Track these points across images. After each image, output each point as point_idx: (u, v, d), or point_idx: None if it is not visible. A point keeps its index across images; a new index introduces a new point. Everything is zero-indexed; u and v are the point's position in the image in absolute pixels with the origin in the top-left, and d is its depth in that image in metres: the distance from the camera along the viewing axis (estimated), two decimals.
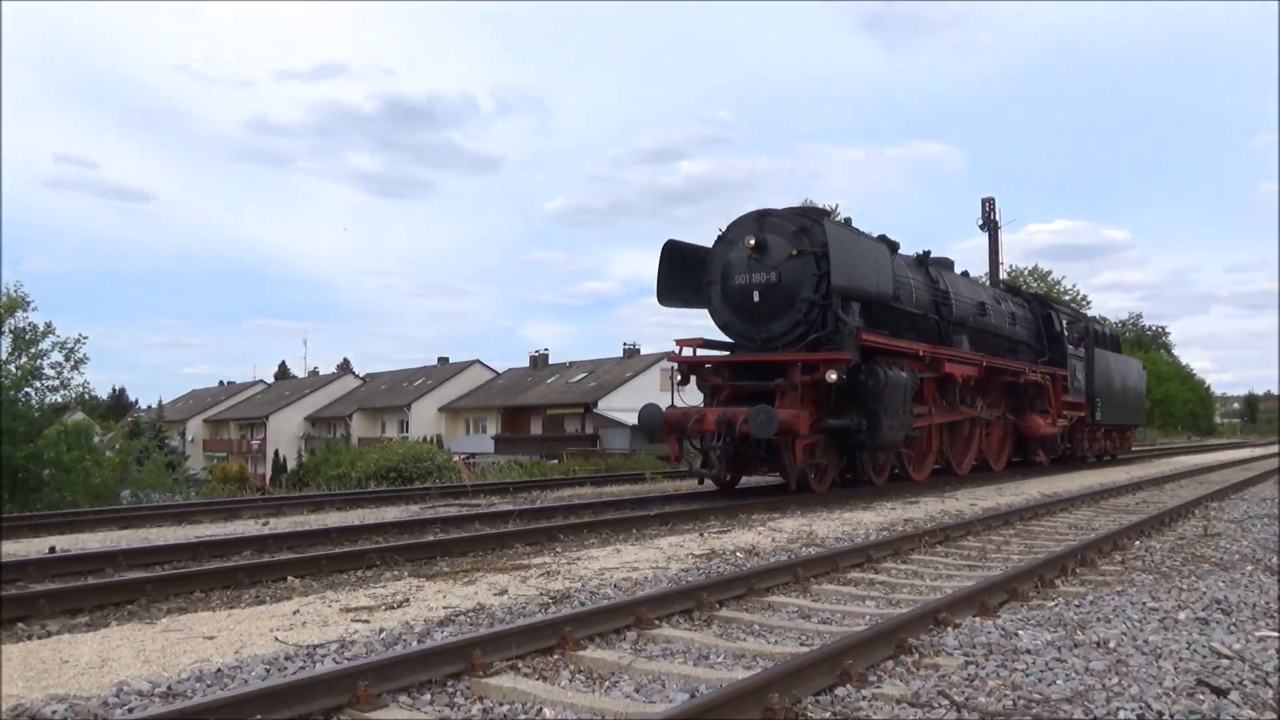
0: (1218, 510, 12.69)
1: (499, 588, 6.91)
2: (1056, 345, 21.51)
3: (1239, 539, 9.64)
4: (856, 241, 14.12)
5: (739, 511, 12.21)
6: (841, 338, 13.54)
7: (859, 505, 13.39)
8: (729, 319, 14.34)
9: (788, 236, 13.84)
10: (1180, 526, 10.81)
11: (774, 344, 13.94)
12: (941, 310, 16.89)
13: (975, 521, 10.39)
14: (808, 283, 13.70)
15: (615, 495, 15.08)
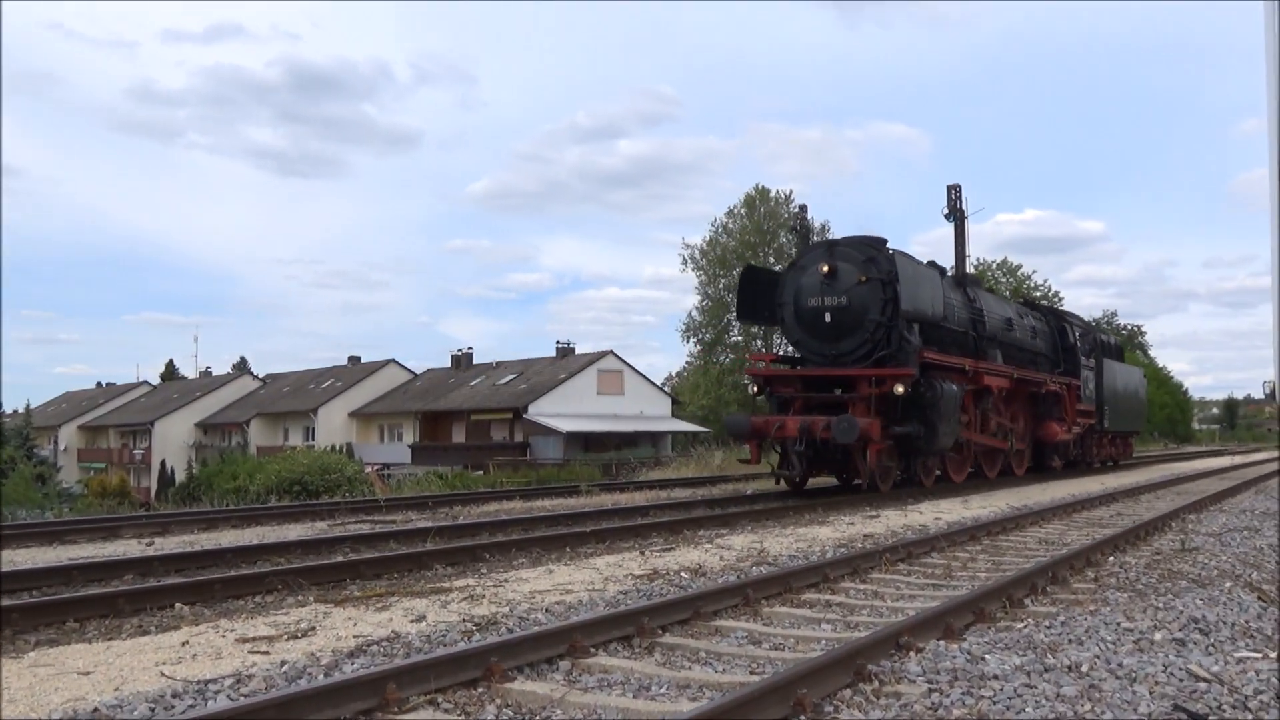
0: (1195, 523, 13.08)
1: (416, 613, 6.87)
2: (1070, 356, 25.01)
3: (1217, 554, 9.95)
4: (918, 270, 17.70)
5: (683, 528, 12.29)
6: (906, 355, 17.05)
7: (815, 521, 13.58)
8: (801, 337, 17.99)
9: (857, 265, 17.40)
10: (1156, 540, 11.12)
11: (843, 360, 17.43)
12: (977, 327, 20.55)
13: (940, 537, 10.57)
14: (875, 306, 17.21)
15: (547, 510, 15.08)
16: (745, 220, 66.20)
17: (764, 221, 65.42)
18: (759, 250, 65.73)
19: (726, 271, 66.15)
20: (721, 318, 66.22)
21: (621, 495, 18.41)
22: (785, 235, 61.85)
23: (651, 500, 16.81)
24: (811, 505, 15.24)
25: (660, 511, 14.69)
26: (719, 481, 22.95)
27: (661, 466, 34.99)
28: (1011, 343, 22.17)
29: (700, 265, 66.48)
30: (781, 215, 64.24)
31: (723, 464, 29.87)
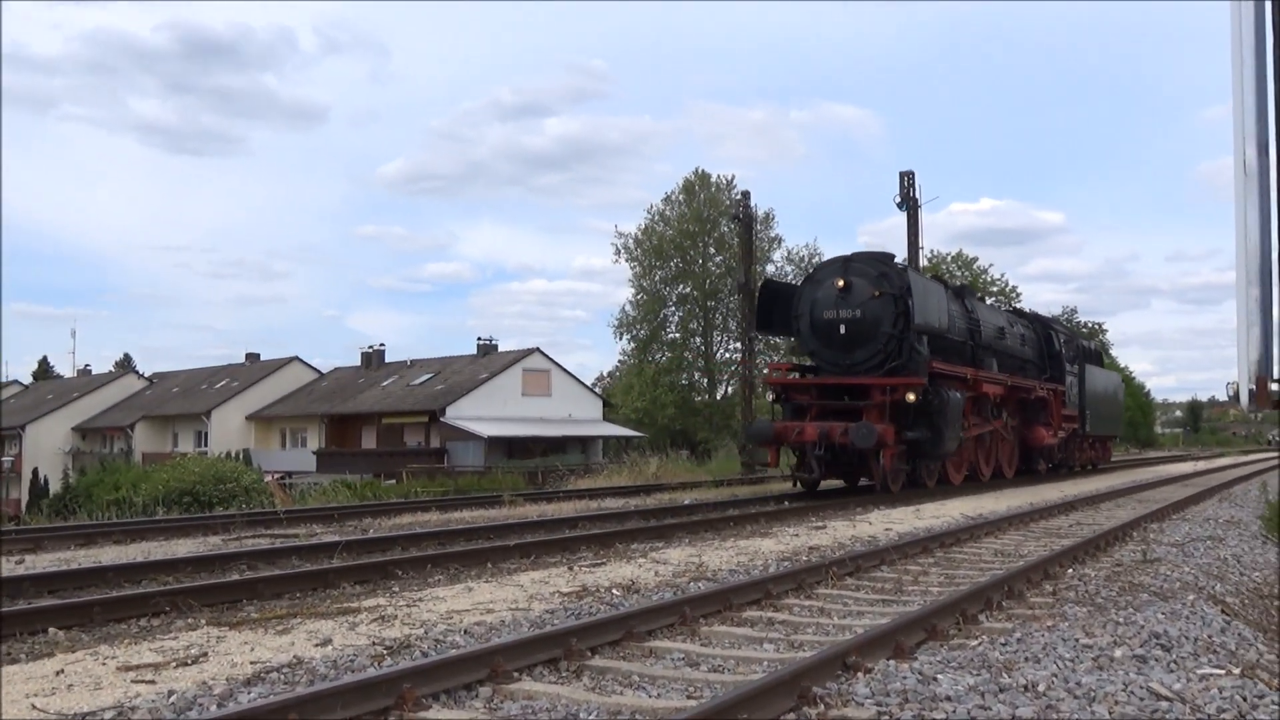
0: (1157, 532, 13.45)
1: (321, 636, 6.80)
2: (1056, 363, 28.13)
3: (1180, 565, 10.24)
4: (927, 285, 21.02)
5: (615, 541, 12.31)
6: (916, 365, 19.91)
7: (757, 532, 13.70)
8: (816, 347, 20.87)
9: (870, 280, 20.30)
10: (1117, 551, 11.41)
11: (856, 370, 20.32)
12: (974, 336, 23.34)
13: (890, 549, 10.72)
14: (887, 318, 20.11)
15: (466, 522, 15.04)
16: (684, 207, 66.51)
17: (704, 209, 65.77)
18: (698, 240, 66.09)
19: (663, 262, 66.40)
20: (657, 313, 66.48)
21: (548, 506, 18.41)
22: (727, 224, 62.29)
23: (581, 511, 16.83)
24: (754, 516, 15.40)
25: (590, 523, 14.70)
26: (654, 490, 23.03)
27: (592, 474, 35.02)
28: (1004, 350, 25.19)
29: (635, 256, 66.71)
30: (723, 202, 64.63)
31: (658, 471, 29.99)
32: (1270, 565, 10.94)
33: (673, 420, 63.52)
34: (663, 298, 67.01)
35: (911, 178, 36.92)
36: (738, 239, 44.49)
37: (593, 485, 27.18)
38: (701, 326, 67.70)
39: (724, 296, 65.63)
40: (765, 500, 19.38)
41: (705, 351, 68.00)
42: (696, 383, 69.58)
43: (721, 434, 59.87)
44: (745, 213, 36.72)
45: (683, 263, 66.50)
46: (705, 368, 67.93)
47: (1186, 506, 18.13)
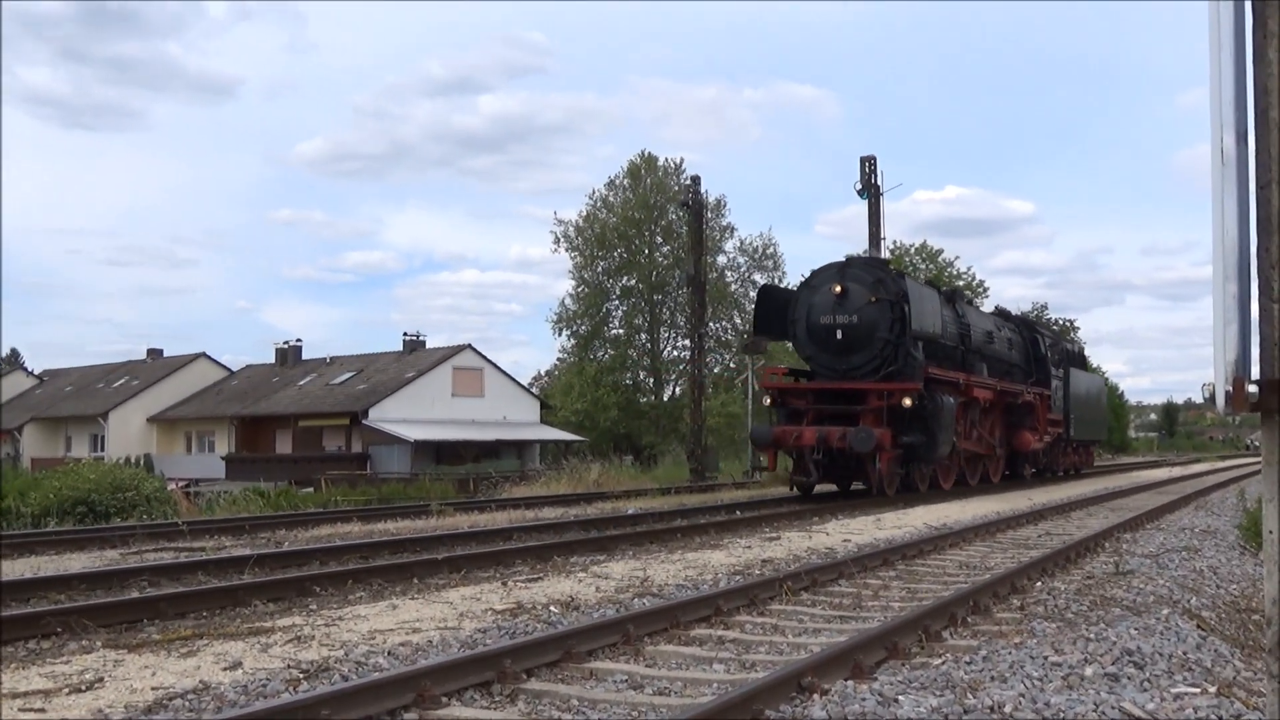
0: (1130, 543, 13.69)
1: (230, 659, 6.74)
2: (1041, 367, 30.16)
3: (1154, 577, 10.44)
4: (922, 291, 23.16)
5: (554, 553, 12.31)
6: (912, 370, 21.70)
7: (707, 544, 13.77)
8: (813, 352, 22.74)
9: (867, 285, 22.22)
10: (1088, 563, 11.60)
11: (853, 374, 22.13)
12: (965, 341, 25.30)
13: (848, 561, 10.82)
14: (883, 324, 21.97)
15: (391, 534, 15.01)
16: (628, 193, 66.54)
17: (650, 195, 65.86)
18: (644, 228, 66.17)
19: (606, 253, 66.38)
20: (600, 307, 66.46)
21: (480, 516, 18.37)
22: (675, 211, 62.41)
23: (516, 521, 16.81)
24: (704, 527, 15.47)
25: (526, 535, 14.72)
26: (595, 499, 23.06)
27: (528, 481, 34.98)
28: (992, 355, 27.21)
29: (575, 245, 66.61)
30: (671, 188, 64.74)
31: (600, 479, 29.99)
32: (1248, 577, 11.17)
33: (616, 423, 63.55)
34: (605, 291, 66.98)
35: (873, 163, 37.25)
36: (686, 228, 44.62)
37: (529, 493, 27.14)
38: (647, 322, 67.78)
39: (672, 290, 65.74)
40: (715, 509, 19.48)
41: (651, 349, 68.10)
42: (642, 383, 69.65)
43: (668, 438, 60.00)
44: (695, 199, 36.84)
45: (627, 253, 66.54)
46: (651, 366, 68.04)
47: (1161, 515, 18.47)
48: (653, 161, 67.32)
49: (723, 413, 57.83)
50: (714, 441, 49.71)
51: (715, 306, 63.15)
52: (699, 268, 36.22)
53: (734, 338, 64.90)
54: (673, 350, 68.84)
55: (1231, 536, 15.10)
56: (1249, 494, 21.78)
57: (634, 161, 67.50)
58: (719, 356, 67.80)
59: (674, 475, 35.28)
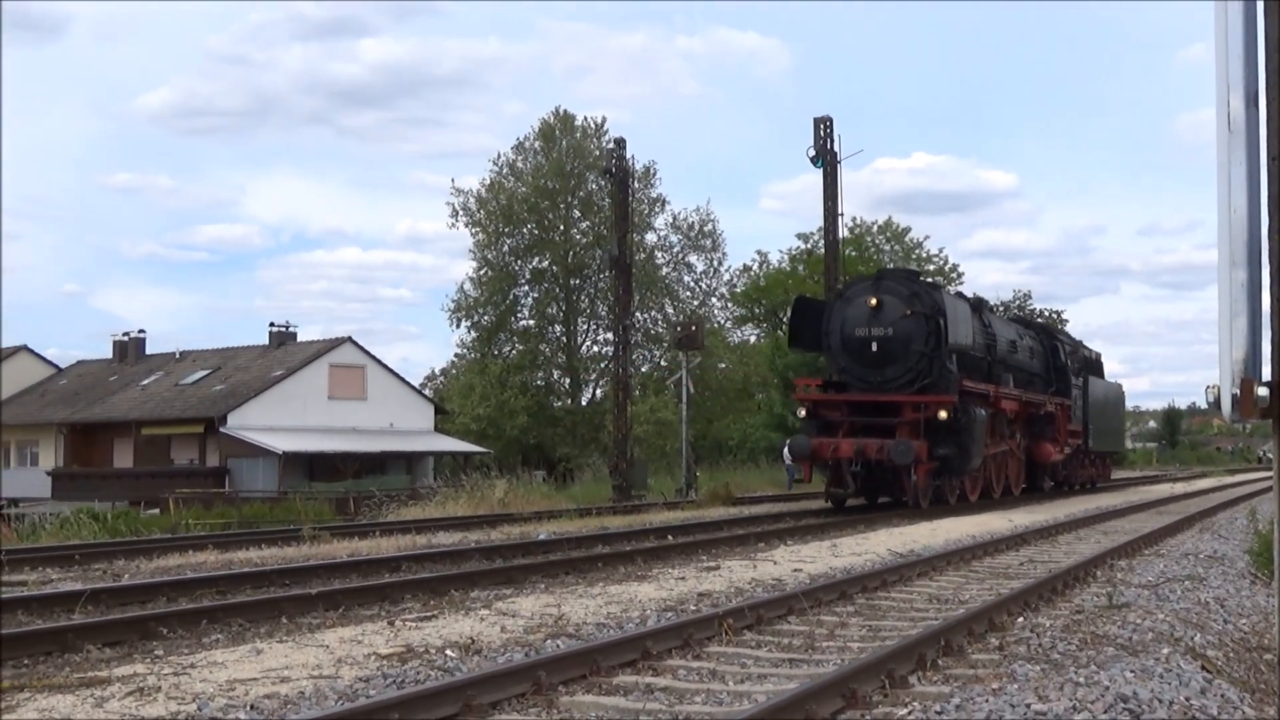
0: (1125, 571, 13.94)
1: (58, 715, 6.63)
2: (1062, 376, 34.22)
3: (1153, 611, 10.63)
4: (956, 305, 26.77)
5: (451, 586, 12.26)
6: (947, 383, 25.53)
7: (633, 575, 13.80)
8: (847, 364, 26.53)
9: (902, 298, 25.92)
10: (1077, 595, 11.79)
11: (887, 387, 25.92)
12: (991, 351, 29.10)
13: (800, 594, 10.89)
14: (918, 337, 25.60)
15: (255, 564, 14.87)
16: (540, 158, 66.51)
17: (567, 160, 65.87)
18: (558, 200, 66.14)
19: (514, 228, 66.25)
20: (506, 293, 66.32)
21: (362, 542, 18.21)
22: (596, 180, 62.45)
23: (405, 549, 16.69)
24: (629, 555, 15.49)
25: (418, 565, 14.64)
26: (501, 522, 22.98)
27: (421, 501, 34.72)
28: (1016, 365, 31.17)
29: (477, 219, 66.42)
30: (591, 152, 64.77)
31: (506, 498, 29.87)
32: (1260, 611, 11.42)
33: (525, 432, 63.51)
34: (513, 274, 66.88)
35: (829, 126, 37.55)
36: (609, 200, 44.66)
37: (422, 515, 26.95)
38: (563, 311, 67.81)
39: (591, 273, 65.85)
40: (643, 534, 19.51)
41: (567, 344, 68.16)
42: (556, 384, 69.67)
43: (588, 449, 60.08)
44: (619, 166, 36.86)
45: (539, 229, 66.49)
46: (567, 364, 68.10)
47: (1161, 539, 18.82)
48: (569, 121, 67.33)
49: (652, 419, 58.00)
50: (642, 454, 49.87)
51: (643, 293, 63.36)
52: (624, 247, 36.26)
53: (665, 330, 65.13)
54: (593, 345, 69.07)
55: (1241, 563, 15.44)
56: (1261, 514, 22.26)
57: (547, 121, 67.49)
58: (648, 353, 68.04)
59: (594, 494, 35.26)
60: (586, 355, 68.68)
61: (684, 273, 69.90)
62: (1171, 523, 21.59)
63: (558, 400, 69.05)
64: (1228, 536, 19.73)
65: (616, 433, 35.84)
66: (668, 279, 68.44)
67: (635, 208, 54.64)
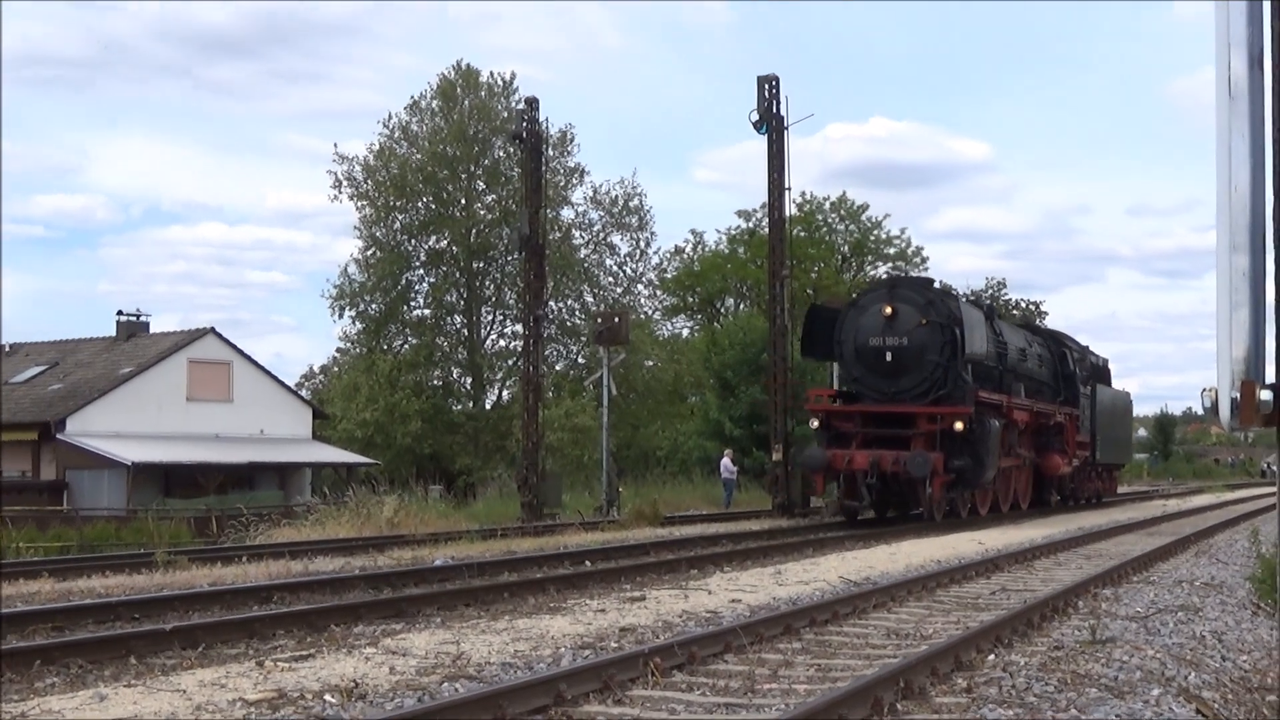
0: (1111, 601, 14.11)
1: None
2: (1070, 384, 37.83)
3: (1141, 647, 10.77)
4: (971, 314, 29.68)
5: (331, 620, 12.19)
6: (963, 394, 28.58)
7: (545, 607, 13.79)
8: (861, 374, 29.76)
9: (918, 307, 29.01)
10: (1056, 629, 11.92)
11: (901, 397, 29.03)
12: (1002, 360, 32.27)
13: (739, 629, 10.91)
14: (934, 347, 28.73)
15: (99, 595, 14.69)
16: (438, 119, 66.18)
17: (469, 123, 65.60)
18: (459, 169, 65.85)
19: (407, 202, 65.87)
20: (398, 277, 65.93)
21: (227, 569, 18.07)
22: (504, 146, 62.24)
23: (278, 577, 16.60)
24: (540, 583, 15.47)
25: (292, 595, 14.56)
26: (390, 545, 22.87)
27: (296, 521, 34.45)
28: (1025, 373, 34.37)
29: (363, 191, 65.98)
30: (498, 113, 64.58)
31: (397, 517, 29.73)
32: (1262, 645, 11.59)
33: (420, 440, 63.17)
34: (406, 255, 66.50)
35: (774, 86, 37.62)
36: (519, 169, 44.48)
37: (297, 537, 26.79)
38: (464, 299, 67.54)
39: (498, 255, 65.68)
40: (557, 559, 19.50)
41: (469, 337, 67.91)
42: (456, 384, 69.40)
43: (492, 460, 59.91)
44: (531, 130, 36.78)
45: (437, 203, 66.19)
46: (469, 361, 67.85)
47: (1151, 564, 19.08)
48: (473, 77, 67.07)
49: (568, 425, 57.97)
50: (556, 466, 49.77)
51: (559, 279, 63.25)
52: (536, 224, 36.18)
53: (583, 322, 65.04)
54: (499, 339, 68.82)
55: (1241, 592, 15.67)
56: (1265, 535, 22.56)
57: (446, 77, 67.14)
58: (562, 348, 67.98)
59: (500, 512, 35.18)
60: (492, 351, 68.46)
61: (606, 255, 69.85)
62: (1163, 545, 21.89)
63: (458, 403, 68.74)
64: (1226, 561, 20.04)
65: (526, 441, 35.75)
66: (587, 262, 68.33)
67: (549, 179, 54.49)
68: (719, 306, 78.25)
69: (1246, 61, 3.01)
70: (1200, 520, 32.22)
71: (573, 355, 68.57)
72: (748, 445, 48.38)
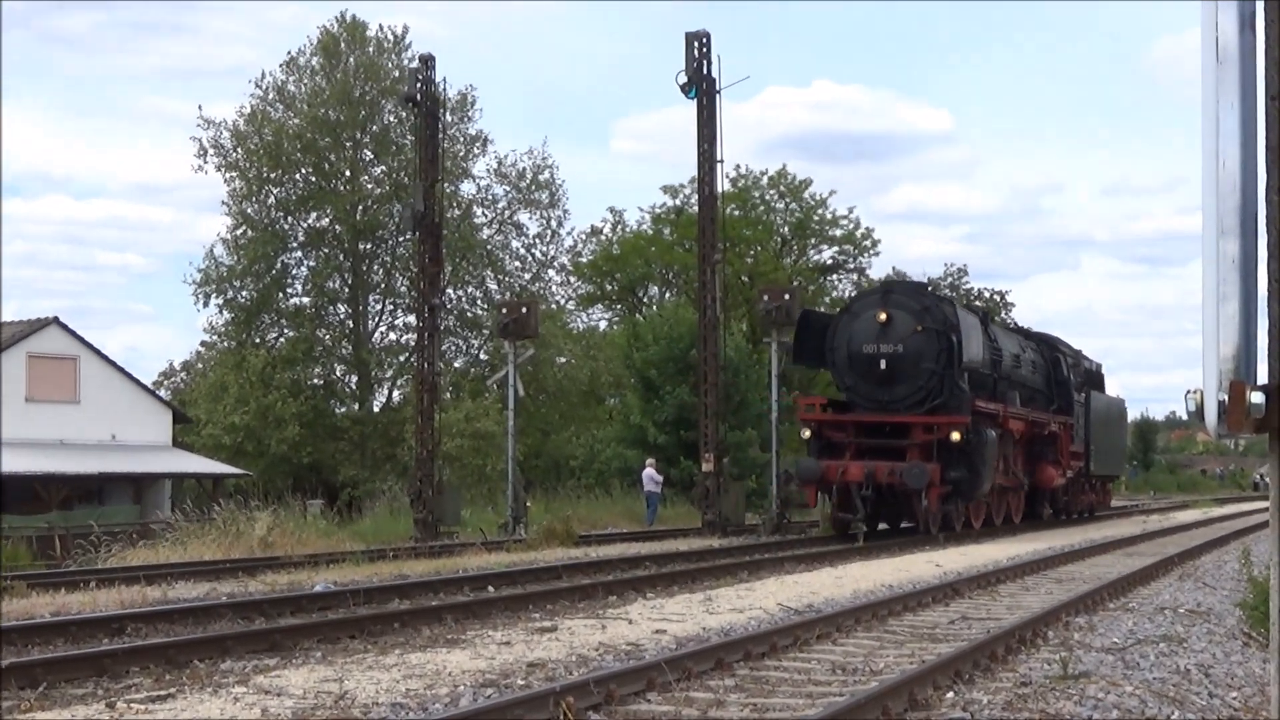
0: (1084, 631, 14.25)
1: None
2: (1064, 391, 40.29)
3: (1119, 683, 10.88)
4: (968, 319, 32.49)
5: (195, 655, 12.11)
6: (960, 403, 31.20)
7: (441, 639, 13.78)
8: (853, 382, 32.41)
9: (913, 313, 31.64)
10: (1023, 662, 12.03)
11: (895, 407, 31.82)
12: (996, 367, 34.63)
13: (664, 664, 10.92)
14: (929, 354, 31.26)
15: None
16: (320, 79, 65.79)
17: (355, 83, 65.26)
18: (343, 137, 65.49)
19: (283, 174, 65.42)
20: (273, 260, 65.46)
21: (73, 596, 17.91)
22: (395, 110, 61.95)
23: (132, 605, 16.47)
24: (436, 612, 15.43)
25: (149, 626, 14.47)
26: (263, 569, 22.76)
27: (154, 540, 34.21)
28: (1019, 380, 37.07)
29: (233, 161, 65.48)
30: (388, 73, 64.26)
31: (272, 536, 29.58)
32: (1254, 680, 11.72)
33: (297, 448, 62.78)
34: (282, 235, 66.08)
35: (705, 44, 37.69)
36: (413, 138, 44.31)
37: (155, 559, 26.60)
38: (349, 286, 67.20)
39: (388, 235, 65.34)
40: (455, 584, 19.45)
41: (355, 329, 67.58)
42: (339, 383, 69.06)
43: (381, 471, 59.64)
44: (426, 92, 36.65)
45: (318, 175, 65.83)
46: (355, 357, 67.51)
47: (1130, 588, 19.27)
48: (359, 31, 66.76)
49: (468, 431, 57.80)
50: (454, 477, 49.65)
51: (458, 262, 63.10)
52: (432, 200, 36.06)
53: (486, 312, 64.91)
54: (390, 332, 68.53)
55: (1230, 620, 15.85)
56: (1256, 555, 22.83)
57: (328, 30, 66.78)
58: (462, 342, 67.81)
59: (390, 531, 35.05)
60: (381, 345, 68.15)
61: (512, 236, 69.67)
62: (1143, 567, 22.09)
63: (341, 405, 68.43)
64: (1214, 585, 20.26)
65: (420, 449, 35.65)
66: (490, 244, 68.15)
67: (447, 148, 54.37)
68: (642, 295, 78.25)
69: (1236, 23, 3.01)
70: (1185, 539, 32.57)
71: (474, 351, 68.47)
72: (674, 454, 48.32)
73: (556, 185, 69.41)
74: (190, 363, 74.83)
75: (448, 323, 57.71)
